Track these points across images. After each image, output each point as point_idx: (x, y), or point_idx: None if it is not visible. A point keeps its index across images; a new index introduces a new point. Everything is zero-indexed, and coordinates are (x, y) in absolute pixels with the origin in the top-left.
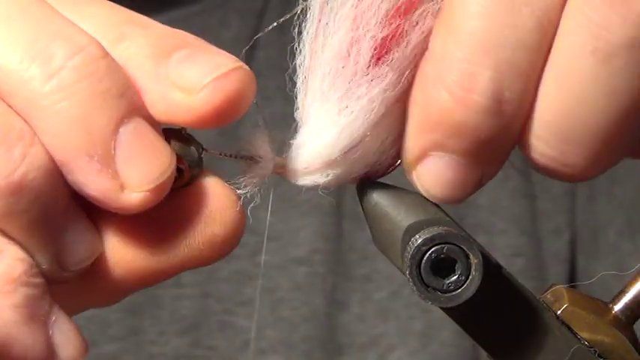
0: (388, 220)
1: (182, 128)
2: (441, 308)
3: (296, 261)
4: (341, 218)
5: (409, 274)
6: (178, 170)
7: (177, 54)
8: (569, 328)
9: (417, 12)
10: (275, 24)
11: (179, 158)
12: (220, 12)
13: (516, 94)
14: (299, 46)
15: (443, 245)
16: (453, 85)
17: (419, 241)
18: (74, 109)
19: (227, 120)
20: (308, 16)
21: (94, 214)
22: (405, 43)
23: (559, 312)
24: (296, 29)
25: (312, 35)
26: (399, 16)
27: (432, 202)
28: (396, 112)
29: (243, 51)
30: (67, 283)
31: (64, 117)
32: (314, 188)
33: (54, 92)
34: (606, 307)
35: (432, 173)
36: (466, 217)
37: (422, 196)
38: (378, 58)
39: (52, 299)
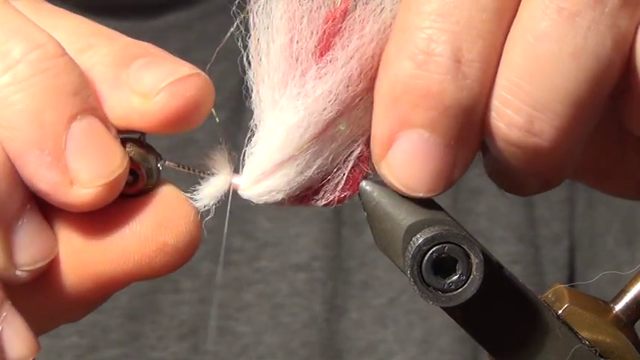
0: (389, 220)
1: (141, 135)
2: (442, 308)
3: (295, 267)
4: (340, 225)
5: (410, 273)
6: (135, 176)
7: (138, 61)
8: (570, 328)
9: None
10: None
11: (136, 164)
12: (221, 17)
13: (476, 55)
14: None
15: (444, 245)
16: (415, 52)
17: (420, 241)
18: (27, 102)
19: (184, 126)
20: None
21: (49, 216)
22: (349, 37)
23: (560, 312)
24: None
25: (255, 45)
26: (335, 12)
27: (433, 201)
28: (360, 109)
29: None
30: (23, 292)
31: (17, 110)
32: (275, 198)
33: (8, 85)
34: (607, 306)
35: (402, 158)
36: (465, 224)
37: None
38: (322, 55)
39: (3, 295)
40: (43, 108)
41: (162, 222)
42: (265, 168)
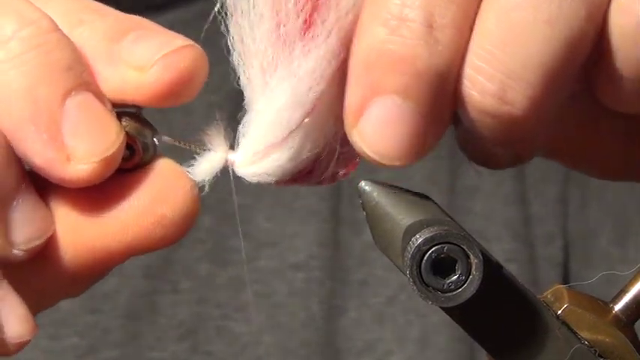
0: (388, 220)
1: (138, 110)
2: (442, 308)
3: (293, 267)
4: (338, 224)
5: (409, 273)
6: (131, 150)
7: (131, 35)
8: (570, 328)
9: None
10: None
11: (132, 138)
12: (220, 18)
13: (449, 21)
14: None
15: (443, 245)
16: (388, 18)
17: (419, 241)
18: (21, 78)
19: (179, 99)
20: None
21: (45, 194)
22: (326, 11)
23: (559, 312)
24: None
25: (238, 28)
26: None
27: (433, 201)
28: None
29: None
30: (21, 269)
31: (11, 87)
32: (268, 179)
33: (1, 62)
34: (607, 306)
35: (374, 125)
36: (460, 222)
37: (423, 195)
38: (304, 33)
39: (0, 275)
40: (37, 84)
41: (159, 194)
42: (258, 149)
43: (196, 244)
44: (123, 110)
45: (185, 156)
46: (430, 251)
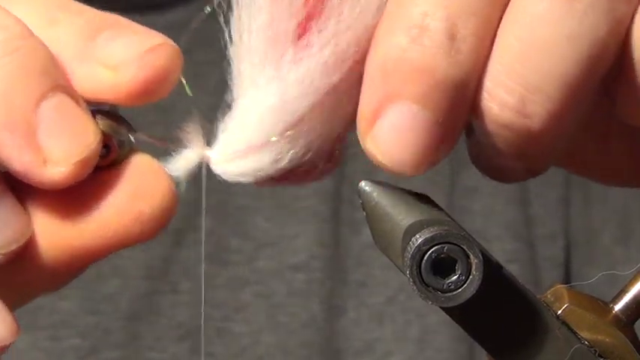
0: (388, 220)
1: (112, 107)
2: (442, 308)
3: (293, 267)
4: (338, 224)
5: (409, 273)
6: (107, 148)
7: (105, 33)
8: (570, 328)
9: None
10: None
11: (107, 136)
12: (217, 20)
13: (471, 32)
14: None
15: (443, 245)
16: (409, 27)
17: (419, 241)
18: None
19: (154, 97)
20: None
21: (22, 196)
22: (325, 21)
23: (559, 312)
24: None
25: (237, 20)
26: None
27: (433, 201)
28: (336, 100)
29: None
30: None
31: None
32: (245, 180)
33: None
34: (607, 306)
35: (389, 132)
36: (461, 222)
37: (423, 196)
38: (299, 38)
39: None
40: (11, 90)
41: (137, 191)
42: (238, 148)
43: (196, 245)
44: (98, 108)
45: (162, 153)
46: (430, 251)
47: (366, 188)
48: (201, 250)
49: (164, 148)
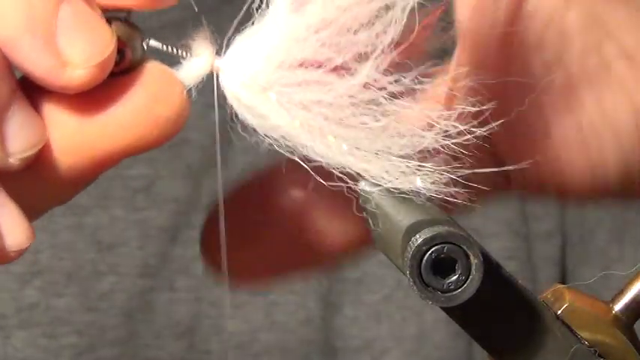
0: (388, 220)
1: (126, 14)
2: (442, 308)
3: None
4: None
5: (409, 274)
6: (121, 54)
7: None
8: (569, 328)
9: None
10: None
11: (122, 42)
12: (213, 18)
13: None
14: None
15: (443, 245)
16: None
17: (419, 241)
18: None
19: (167, 0)
20: None
21: (38, 102)
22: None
23: (559, 312)
24: None
25: None
26: None
27: (432, 202)
28: None
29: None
30: (17, 177)
31: None
32: (254, 91)
33: None
34: (607, 306)
35: None
36: (458, 220)
37: None
38: None
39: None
40: None
41: (153, 95)
42: (249, 62)
43: (193, 243)
44: (112, 15)
45: (173, 61)
46: (430, 251)
47: (366, 188)
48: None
49: (175, 56)
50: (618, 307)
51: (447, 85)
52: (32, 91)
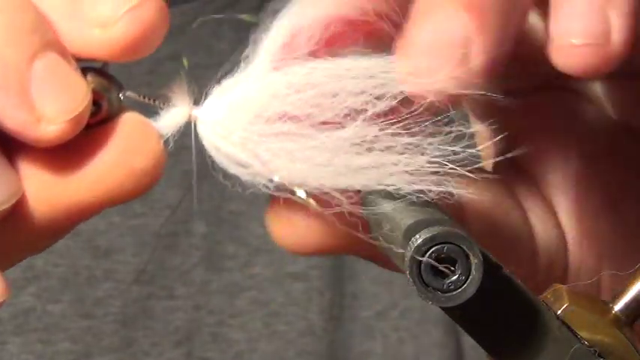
0: (388, 221)
1: (102, 65)
2: (441, 308)
3: (292, 276)
4: None
5: (409, 273)
6: (97, 105)
7: None
8: (570, 328)
9: None
10: None
11: (97, 93)
12: (213, 23)
13: None
14: None
15: (443, 245)
16: None
17: (419, 241)
18: None
19: (143, 51)
20: None
21: (12, 154)
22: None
23: (559, 312)
24: None
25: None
26: None
27: (432, 202)
28: None
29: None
30: None
31: None
32: (229, 143)
33: None
34: (607, 306)
35: None
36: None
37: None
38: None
39: None
40: (3, 49)
41: (129, 146)
42: (228, 113)
43: (191, 250)
44: (88, 66)
45: (150, 112)
46: (430, 251)
47: (369, 196)
48: (195, 255)
49: (152, 106)
50: (618, 307)
51: None
52: (6, 142)
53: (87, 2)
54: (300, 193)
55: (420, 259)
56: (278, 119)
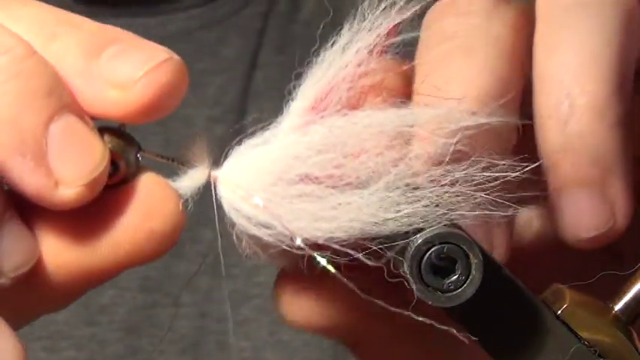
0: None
1: (120, 125)
2: (442, 308)
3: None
4: None
5: (410, 273)
6: (115, 166)
7: (108, 50)
8: (570, 328)
9: None
10: None
11: (115, 154)
12: (219, 29)
13: None
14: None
15: (443, 245)
16: None
17: (419, 241)
18: (3, 110)
19: (162, 113)
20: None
21: (30, 217)
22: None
23: (559, 312)
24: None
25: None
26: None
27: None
28: None
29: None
30: (7, 291)
31: None
32: (249, 204)
33: None
34: (606, 306)
35: None
36: None
37: None
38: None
39: None
40: (19, 113)
41: (148, 210)
42: (249, 176)
43: (197, 258)
44: (104, 125)
45: (168, 171)
46: (430, 251)
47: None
48: (199, 264)
49: (170, 165)
50: (618, 307)
51: None
52: (23, 205)
53: (104, 62)
54: (321, 260)
55: (420, 259)
56: (300, 181)
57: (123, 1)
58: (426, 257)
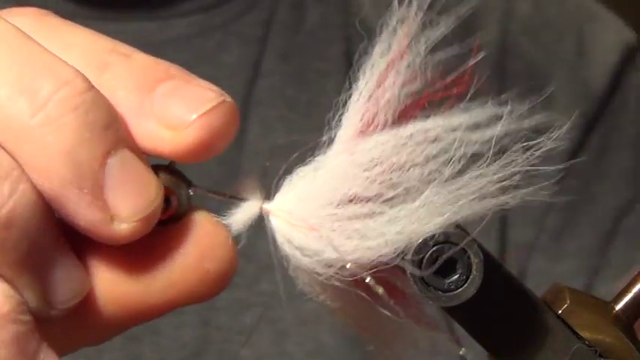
0: None
1: (171, 162)
2: (442, 308)
3: (301, 295)
4: None
5: (410, 273)
6: (167, 202)
7: (161, 87)
8: (570, 328)
9: None
10: None
11: (168, 191)
12: (219, 35)
13: None
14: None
15: (443, 245)
16: None
17: (419, 241)
18: (61, 142)
19: (212, 154)
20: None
21: (83, 250)
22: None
23: (560, 311)
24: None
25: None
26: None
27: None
28: None
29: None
30: (56, 322)
31: (52, 151)
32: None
33: (40, 126)
34: (607, 306)
35: None
36: None
37: None
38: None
39: (40, 337)
40: (77, 146)
41: (202, 250)
42: (301, 206)
43: None
44: (157, 164)
45: (218, 206)
46: (430, 251)
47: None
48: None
49: (223, 201)
50: (618, 306)
51: None
52: (76, 237)
53: (157, 100)
54: (370, 281)
55: (421, 259)
56: (348, 202)
57: (122, 3)
58: (426, 257)
